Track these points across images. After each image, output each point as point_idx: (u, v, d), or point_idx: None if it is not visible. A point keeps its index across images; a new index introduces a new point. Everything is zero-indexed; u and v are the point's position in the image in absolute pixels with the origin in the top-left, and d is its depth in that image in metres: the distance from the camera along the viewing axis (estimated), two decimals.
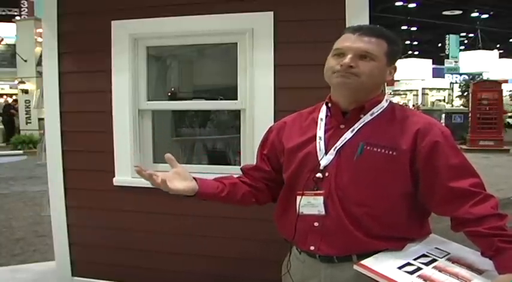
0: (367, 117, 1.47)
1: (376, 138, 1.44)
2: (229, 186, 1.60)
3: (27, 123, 14.91)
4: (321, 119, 1.54)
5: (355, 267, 1.37)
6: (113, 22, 2.86)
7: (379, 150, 1.42)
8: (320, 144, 1.49)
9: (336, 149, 1.46)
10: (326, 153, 1.47)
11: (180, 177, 1.50)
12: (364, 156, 1.43)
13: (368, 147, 1.43)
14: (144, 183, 3.05)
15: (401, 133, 1.43)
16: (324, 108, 1.56)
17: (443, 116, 15.78)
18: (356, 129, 1.46)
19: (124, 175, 2.90)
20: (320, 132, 1.51)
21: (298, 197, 1.50)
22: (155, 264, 2.92)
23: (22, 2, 15.95)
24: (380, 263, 1.36)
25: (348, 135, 1.46)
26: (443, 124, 14.44)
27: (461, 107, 16.45)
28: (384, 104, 1.51)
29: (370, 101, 1.48)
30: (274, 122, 2.54)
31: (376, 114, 1.48)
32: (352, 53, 1.42)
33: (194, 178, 1.54)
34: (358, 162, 1.43)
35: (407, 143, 1.41)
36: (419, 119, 1.46)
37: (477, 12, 17.12)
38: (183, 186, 1.49)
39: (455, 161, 1.41)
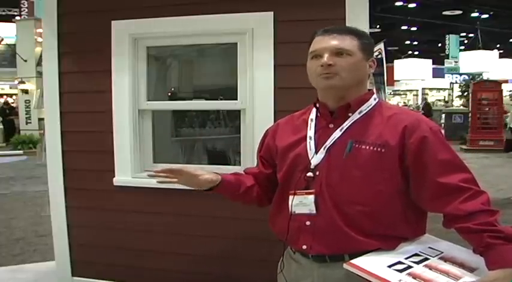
0: (355, 116, 1.49)
1: (365, 135, 1.45)
2: (245, 187, 1.65)
3: (27, 123, 14.88)
4: (311, 120, 1.57)
5: (345, 266, 1.37)
6: (113, 22, 2.86)
7: (367, 147, 1.43)
8: (310, 143, 1.52)
9: (326, 148, 1.48)
10: (316, 152, 1.49)
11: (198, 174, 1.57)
12: (353, 154, 1.44)
13: (356, 145, 1.44)
14: (144, 183, 3.05)
15: (390, 130, 1.44)
16: (314, 109, 1.59)
17: (443, 116, 15.79)
18: (345, 128, 1.48)
19: (124, 175, 2.90)
20: (310, 132, 1.54)
21: (291, 197, 1.51)
22: (155, 264, 2.92)
23: (22, 2, 15.90)
24: (370, 262, 1.35)
25: (337, 134, 1.48)
26: (443, 124, 14.48)
27: (461, 107, 16.46)
28: (372, 102, 1.53)
29: (355, 99, 1.50)
30: (274, 122, 2.55)
31: (364, 112, 1.50)
32: (328, 52, 1.46)
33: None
34: (347, 160, 1.44)
35: (396, 139, 1.42)
36: (407, 116, 1.47)
37: (477, 12, 17.10)
38: (207, 176, 1.56)
39: (445, 156, 1.41)
